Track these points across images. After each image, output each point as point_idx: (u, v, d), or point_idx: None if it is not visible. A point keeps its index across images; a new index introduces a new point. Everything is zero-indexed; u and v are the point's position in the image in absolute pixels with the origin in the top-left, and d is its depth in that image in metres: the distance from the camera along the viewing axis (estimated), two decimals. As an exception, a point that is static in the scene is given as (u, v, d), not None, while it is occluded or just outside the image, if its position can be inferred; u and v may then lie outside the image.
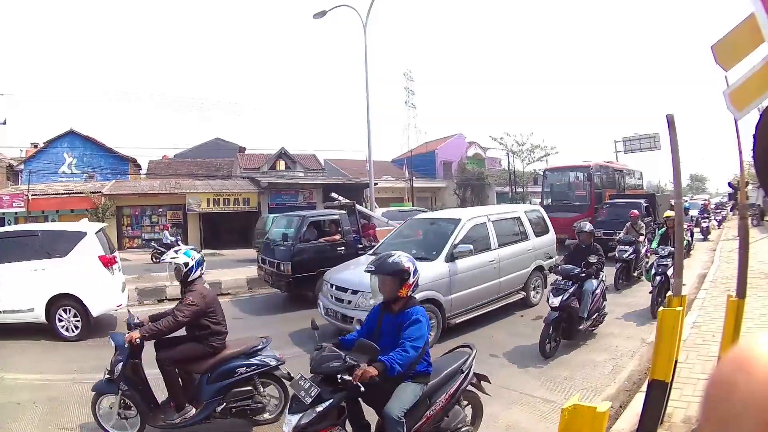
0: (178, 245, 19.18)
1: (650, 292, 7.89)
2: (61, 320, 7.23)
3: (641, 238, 10.76)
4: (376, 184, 21.63)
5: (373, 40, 64.43)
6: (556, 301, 6.02)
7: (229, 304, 9.61)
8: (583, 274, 6.43)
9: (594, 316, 6.52)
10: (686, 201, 26.34)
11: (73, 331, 7.23)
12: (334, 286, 6.99)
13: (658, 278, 7.84)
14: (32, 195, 22.13)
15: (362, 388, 2.90)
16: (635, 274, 10.37)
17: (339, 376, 2.95)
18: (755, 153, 2.47)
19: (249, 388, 4.31)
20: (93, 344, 7.03)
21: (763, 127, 2.41)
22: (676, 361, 3.56)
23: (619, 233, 11.20)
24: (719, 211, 28.55)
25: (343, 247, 9.69)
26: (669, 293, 6.78)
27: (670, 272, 7.66)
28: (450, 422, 3.53)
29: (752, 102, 2.46)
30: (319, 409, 2.95)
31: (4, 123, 31.48)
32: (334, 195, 14.68)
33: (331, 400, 2.98)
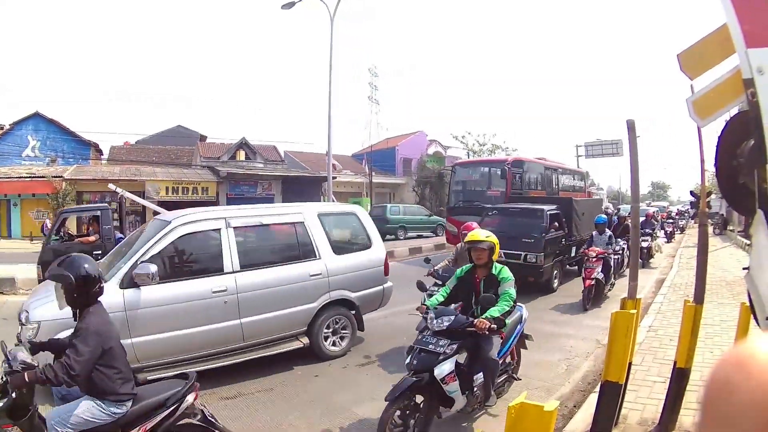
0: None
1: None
2: None
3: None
4: (334, 178, 21.47)
5: (340, 34, 63.86)
6: None
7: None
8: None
9: None
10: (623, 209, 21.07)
11: None
12: None
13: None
14: (-4, 178, 21.30)
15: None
16: None
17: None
18: (717, 161, 2.51)
19: None
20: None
21: (726, 136, 2.45)
22: (630, 364, 3.61)
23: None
24: (672, 222, 23.86)
25: (100, 251, 7.87)
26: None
27: (438, 372, 3.58)
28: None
29: (716, 112, 2.47)
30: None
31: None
32: (111, 186, 12.38)
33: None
